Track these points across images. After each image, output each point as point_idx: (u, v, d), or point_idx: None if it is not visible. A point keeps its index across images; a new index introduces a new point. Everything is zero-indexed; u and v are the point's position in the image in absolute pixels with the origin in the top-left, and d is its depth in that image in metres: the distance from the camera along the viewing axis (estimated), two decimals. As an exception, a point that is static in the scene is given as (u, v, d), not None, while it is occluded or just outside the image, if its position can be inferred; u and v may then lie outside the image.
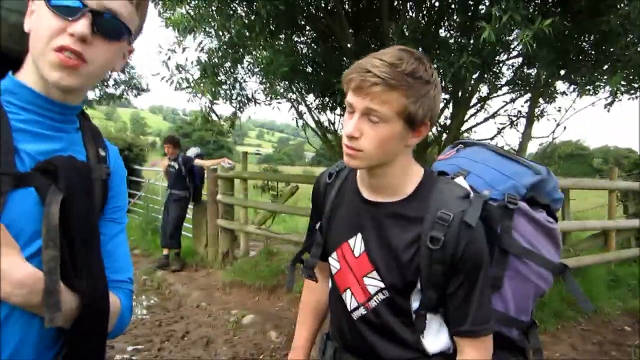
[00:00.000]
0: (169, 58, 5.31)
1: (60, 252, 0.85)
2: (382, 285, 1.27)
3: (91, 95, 18.28)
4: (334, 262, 1.39)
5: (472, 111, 6.23)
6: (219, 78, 5.15)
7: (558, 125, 5.89)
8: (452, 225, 1.16)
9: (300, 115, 6.35)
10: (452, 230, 1.16)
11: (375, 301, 1.29)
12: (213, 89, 4.83)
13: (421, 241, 1.18)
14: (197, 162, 7.26)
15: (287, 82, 5.56)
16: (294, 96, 6.16)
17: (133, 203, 10.29)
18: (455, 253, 1.16)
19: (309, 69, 5.60)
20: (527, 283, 1.34)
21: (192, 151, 7.55)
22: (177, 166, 7.19)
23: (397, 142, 1.18)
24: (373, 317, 1.30)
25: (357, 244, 1.31)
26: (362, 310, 1.32)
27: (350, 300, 1.34)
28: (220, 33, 5.18)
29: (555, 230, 1.36)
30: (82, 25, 0.88)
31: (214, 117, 5.49)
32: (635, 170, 10.16)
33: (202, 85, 4.83)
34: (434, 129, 6.08)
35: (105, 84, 17.55)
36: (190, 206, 7.65)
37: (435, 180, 1.27)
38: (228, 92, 5.54)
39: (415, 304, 1.26)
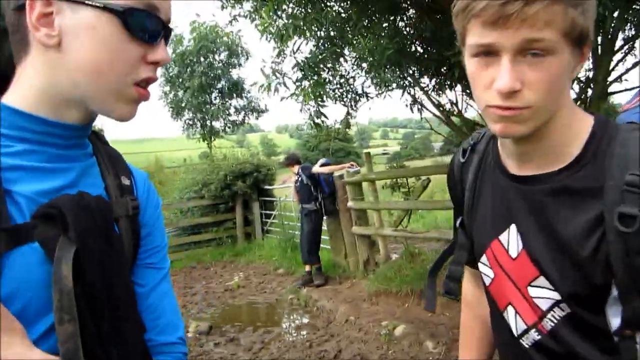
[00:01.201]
0: (278, 69, 5.16)
1: (81, 323, 0.66)
2: (556, 296, 0.87)
3: (217, 125, 19.42)
4: (485, 269, 1.01)
5: (618, 56, 5.27)
6: (321, 77, 4.87)
7: None
8: None
9: (415, 100, 5.85)
10: None
11: (552, 320, 0.89)
12: (316, 91, 4.56)
13: (606, 223, 0.78)
14: (316, 169, 7.03)
15: (395, 67, 5.11)
16: (405, 82, 5.68)
17: (270, 223, 10.46)
18: None
19: (418, 48, 5.10)
20: None
21: (319, 162, 7.38)
22: (299, 179, 7.06)
23: (567, 78, 0.81)
24: (553, 343, 0.89)
25: (511, 240, 0.93)
26: (534, 335, 0.92)
27: (515, 321, 0.95)
28: (315, 28, 4.87)
29: None
30: (164, 51, 0.76)
31: (325, 120, 5.21)
32: None
33: (303, 88, 4.58)
34: (575, 85, 5.25)
35: (227, 112, 18.54)
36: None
37: (615, 129, 0.84)
38: (336, 91, 5.25)
39: (615, 320, 0.82)
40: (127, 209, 0.83)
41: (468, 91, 5.41)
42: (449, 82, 5.44)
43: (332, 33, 4.61)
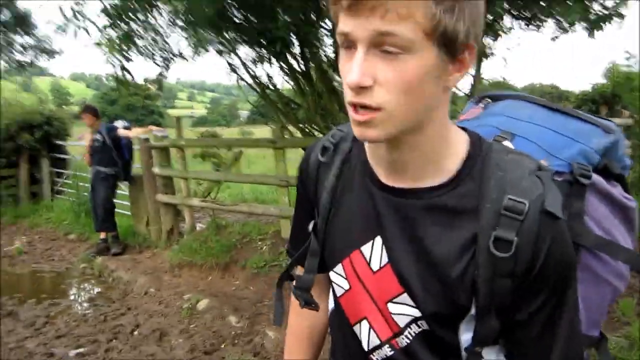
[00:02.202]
0: (79, 11, 4.53)
1: None
2: (416, 313, 0.85)
3: (-1, 66, 16.77)
4: (338, 279, 0.95)
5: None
6: (131, 28, 4.42)
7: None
8: (529, 219, 0.75)
9: (232, 68, 5.70)
10: (528, 225, 0.75)
11: (408, 337, 0.88)
12: (124, 44, 4.14)
13: (479, 245, 0.77)
14: (122, 132, 6.51)
15: (213, 32, 4.87)
16: (224, 49, 5.48)
17: (62, 183, 9.43)
18: (534, 260, 0.76)
19: (239, 15, 4.91)
20: (602, 286, 0.96)
21: (119, 123, 6.82)
22: (100, 138, 6.41)
23: (433, 85, 0.74)
24: (404, 358, 0.89)
25: (374, 252, 0.88)
26: (386, 350, 0.91)
27: (367, 336, 0.92)
28: None
29: (633, 210, 0.99)
30: None
31: (130, 78, 4.78)
32: (584, 107, 10.16)
33: (110, 38, 4.12)
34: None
35: (11, 50, 15.99)
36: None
37: (489, 148, 0.83)
38: (147, 47, 4.84)
39: (465, 337, 0.84)
40: None
41: (286, 67, 5.44)
42: (268, 55, 5.39)
43: None
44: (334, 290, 0.99)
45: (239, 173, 7.13)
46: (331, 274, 0.97)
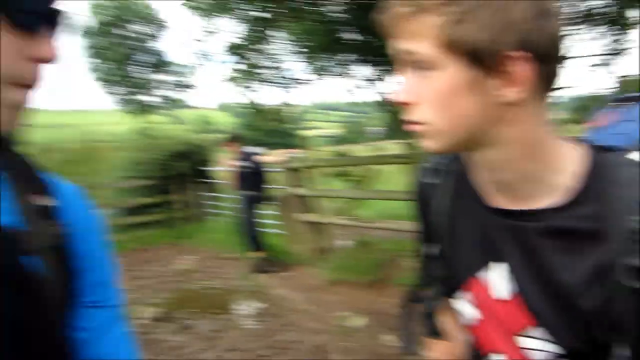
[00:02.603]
0: (207, 51, 4.94)
1: None
2: (553, 349, 0.77)
3: (148, 99, 18.84)
4: (464, 307, 0.90)
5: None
6: (251, 62, 4.69)
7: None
8: None
9: (353, 87, 5.82)
10: None
11: None
12: (249, 76, 4.40)
13: (611, 275, 0.69)
14: (265, 157, 6.99)
15: (331, 54, 5.01)
16: (342, 71, 5.61)
17: (217, 206, 10.24)
18: None
19: (356, 36, 4.97)
20: None
21: (253, 149, 7.27)
22: (247, 165, 6.88)
23: (474, 100, 0.70)
24: None
25: (499, 279, 0.83)
26: None
27: None
28: (244, 8, 4.65)
29: None
30: (52, 45, 0.60)
31: (260, 105, 5.08)
32: None
33: (238, 71, 4.41)
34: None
35: (156, 87, 17.91)
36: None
37: (608, 161, 0.74)
38: (270, 76, 5.10)
39: None
40: (47, 237, 0.65)
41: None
42: (388, 71, 5.40)
43: (263, 14, 4.41)
44: (460, 319, 0.95)
45: (376, 190, 7.22)
46: (457, 301, 0.93)
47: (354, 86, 5.90)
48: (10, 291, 0.57)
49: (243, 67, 4.70)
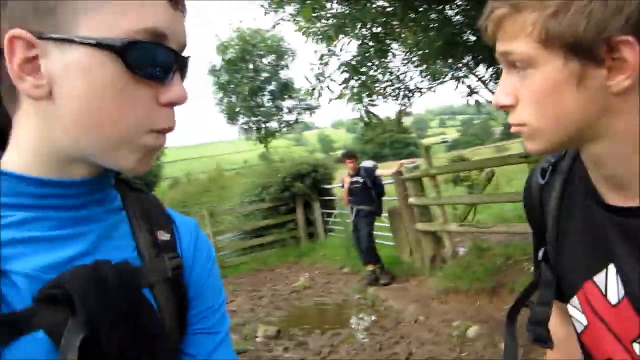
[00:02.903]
0: (321, 72, 5.08)
1: None
2: None
3: (271, 126, 19.87)
4: (576, 313, 0.85)
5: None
6: (368, 76, 4.72)
7: None
8: None
9: (471, 91, 5.62)
10: None
11: None
12: (362, 92, 4.44)
13: None
14: (378, 172, 7.00)
15: (446, 58, 4.91)
16: (459, 73, 5.46)
17: (332, 222, 10.43)
18: None
19: (470, 37, 4.88)
20: None
21: (368, 163, 7.30)
22: (361, 180, 6.94)
23: (578, 93, 0.65)
24: None
25: (610, 283, 0.77)
26: None
27: None
28: (359, 26, 4.74)
29: None
30: (180, 88, 0.62)
31: (375, 118, 5.07)
32: None
33: (352, 89, 4.47)
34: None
35: (280, 113, 18.84)
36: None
37: None
38: (386, 89, 5.10)
39: None
40: (164, 271, 0.68)
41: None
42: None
43: (376, 30, 4.46)
44: (574, 325, 0.88)
45: (494, 193, 6.86)
46: (568, 307, 0.87)
47: (471, 88, 5.72)
48: (125, 322, 0.60)
49: (357, 82, 4.78)
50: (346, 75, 4.73)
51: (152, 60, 0.59)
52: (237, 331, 5.99)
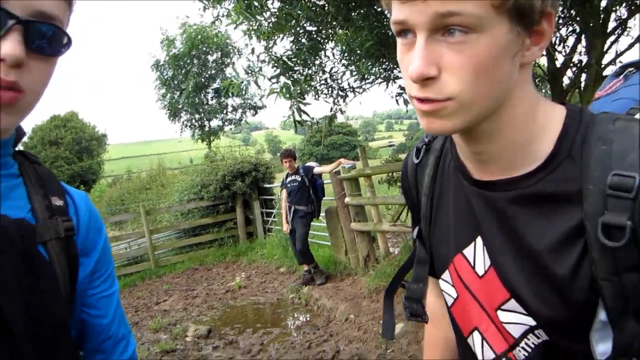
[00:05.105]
0: (260, 69, 5.03)
1: None
2: (530, 321, 0.73)
3: (215, 124, 19.54)
4: (447, 287, 0.87)
5: (611, 39, 5.09)
6: (301, 74, 4.73)
7: None
8: None
9: (402, 92, 5.70)
10: None
11: (526, 349, 0.75)
12: (294, 88, 4.44)
13: (587, 235, 0.64)
14: (317, 170, 6.97)
15: (377, 60, 4.95)
16: (390, 74, 5.53)
17: (271, 221, 10.38)
18: None
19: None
20: None
21: (311, 164, 7.30)
22: (299, 179, 6.92)
23: (509, 63, 0.64)
24: None
25: (477, 255, 0.79)
26: None
27: (481, 349, 0.82)
28: (292, 24, 4.74)
29: None
30: (12, 46, 0.61)
31: (307, 118, 5.06)
32: None
33: (282, 86, 4.46)
34: (569, 71, 5.10)
35: (224, 111, 18.60)
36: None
37: (592, 121, 0.69)
38: (321, 87, 5.12)
39: (602, 348, 0.68)
40: (57, 230, 0.75)
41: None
42: None
43: (309, 27, 4.46)
44: (445, 302, 0.90)
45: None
46: (440, 282, 0.89)
47: (402, 89, 5.78)
48: (23, 270, 0.66)
49: (290, 80, 4.73)
50: (275, 71, 4.70)
51: None
52: (167, 331, 5.86)
